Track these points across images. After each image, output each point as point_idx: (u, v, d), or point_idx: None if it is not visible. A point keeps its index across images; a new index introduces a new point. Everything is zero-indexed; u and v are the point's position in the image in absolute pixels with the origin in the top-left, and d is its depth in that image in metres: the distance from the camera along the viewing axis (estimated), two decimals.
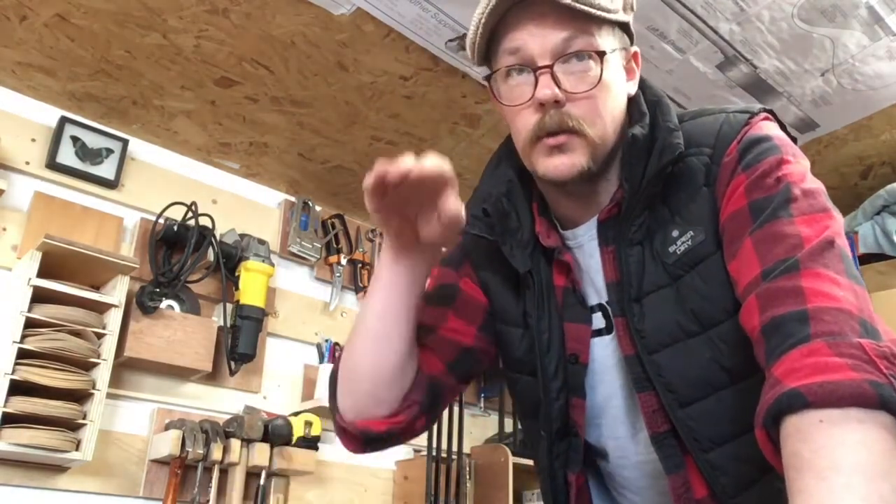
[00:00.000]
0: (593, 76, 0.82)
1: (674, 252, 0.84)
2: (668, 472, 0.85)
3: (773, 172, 0.79)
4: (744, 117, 0.86)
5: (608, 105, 0.85)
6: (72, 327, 1.89)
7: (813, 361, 0.62)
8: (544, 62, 0.82)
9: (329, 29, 1.94)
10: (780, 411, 0.62)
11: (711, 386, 0.83)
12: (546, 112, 0.82)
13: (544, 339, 0.91)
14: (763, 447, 0.65)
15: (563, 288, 0.91)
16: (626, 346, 0.87)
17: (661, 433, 0.85)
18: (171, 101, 2.26)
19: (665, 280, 0.85)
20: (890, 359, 0.61)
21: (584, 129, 0.83)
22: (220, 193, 2.57)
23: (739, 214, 0.79)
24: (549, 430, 0.92)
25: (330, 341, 2.61)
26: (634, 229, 0.86)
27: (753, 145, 0.82)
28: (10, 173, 2.15)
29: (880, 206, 2.57)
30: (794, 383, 0.62)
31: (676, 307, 0.84)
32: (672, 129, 0.86)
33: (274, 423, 2.23)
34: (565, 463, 0.93)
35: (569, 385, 0.91)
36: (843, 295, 0.67)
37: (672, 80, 2.15)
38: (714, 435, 0.82)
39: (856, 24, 1.93)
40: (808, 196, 0.77)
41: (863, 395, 0.59)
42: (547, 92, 0.81)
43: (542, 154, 0.85)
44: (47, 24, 1.93)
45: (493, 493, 2.52)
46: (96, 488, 2.03)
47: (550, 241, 0.92)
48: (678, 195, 0.86)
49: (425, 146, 2.49)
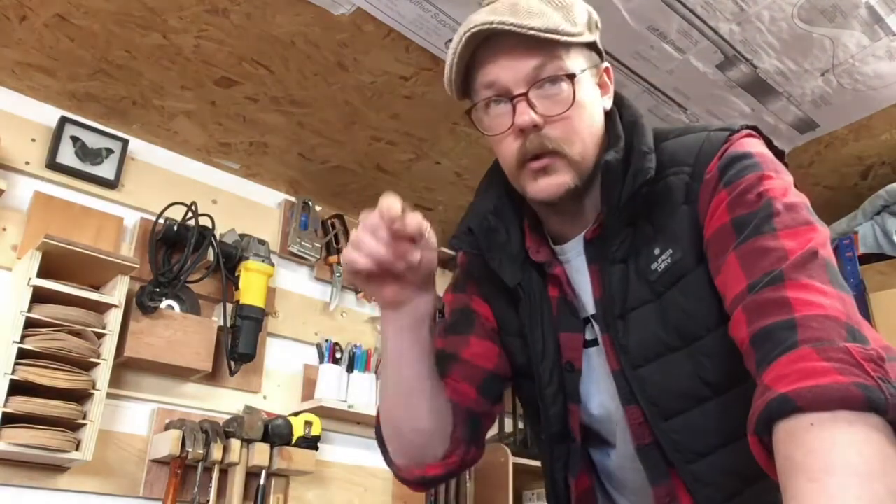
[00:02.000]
0: (566, 97, 0.85)
1: (656, 269, 0.87)
2: (652, 484, 0.88)
3: (754, 188, 0.80)
4: (724, 135, 0.88)
5: (585, 123, 0.88)
6: (72, 327, 1.89)
7: (801, 367, 0.64)
8: (519, 90, 0.85)
9: (329, 29, 1.94)
10: (770, 417, 0.63)
11: (694, 399, 0.85)
12: (526, 137, 0.86)
13: (538, 349, 0.94)
14: (756, 454, 0.66)
15: (556, 298, 0.94)
16: (612, 360, 0.89)
17: (646, 445, 0.88)
18: (171, 101, 2.26)
19: (649, 296, 0.87)
20: (877, 361, 0.62)
21: (563, 150, 0.86)
22: (220, 193, 2.57)
23: (723, 231, 0.81)
24: (549, 435, 0.95)
25: (330, 341, 2.61)
26: (615, 248, 0.89)
27: (734, 162, 0.84)
28: (10, 173, 2.15)
29: (880, 206, 2.57)
30: (783, 389, 0.63)
31: (659, 323, 0.86)
32: (646, 152, 0.88)
33: (274, 423, 2.23)
34: (565, 467, 0.96)
35: (565, 391, 0.93)
36: (830, 303, 0.69)
37: (672, 80, 2.15)
38: (697, 447, 0.84)
39: (856, 24, 1.93)
40: (790, 210, 0.78)
41: (850, 398, 0.60)
42: (525, 118, 0.84)
43: (528, 178, 0.88)
44: (47, 24, 1.93)
45: (493, 493, 2.52)
46: (96, 488, 2.03)
47: (540, 256, 0.95)
48: (660, 213, 0.88)
49: (425, 146, 2.49)
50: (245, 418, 2.19)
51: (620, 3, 1.82)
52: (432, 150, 2.51)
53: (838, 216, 2.74)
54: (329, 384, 2.50)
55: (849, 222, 2.68)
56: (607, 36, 1.90)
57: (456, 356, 0.98)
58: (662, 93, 2.20)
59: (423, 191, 2.79)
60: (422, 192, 2.79)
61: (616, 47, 1.99)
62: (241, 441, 2.16)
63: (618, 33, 1.92)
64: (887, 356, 0.63)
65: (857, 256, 2.61)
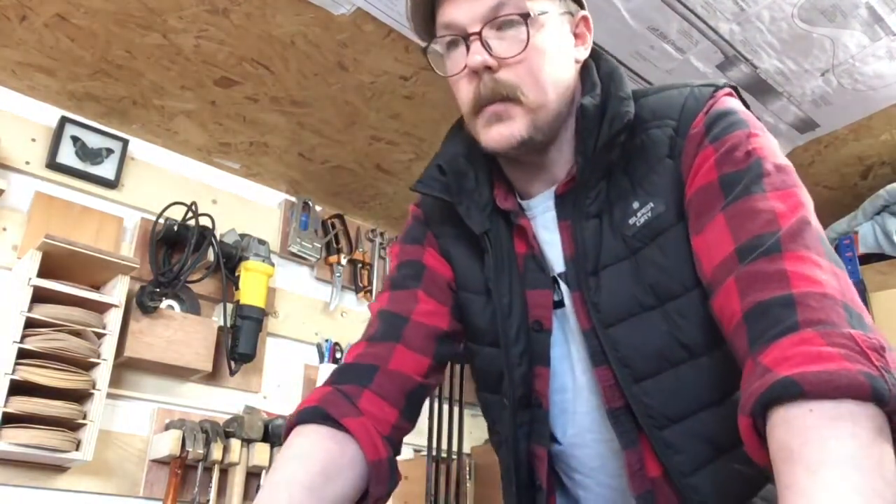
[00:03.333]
0: (523, 38, 0.81)
1: (633, 224, 0.83)
2: (624, 448, 0.83)
3: (742, 146, 0.78)
4: (709, 90, 0.85)
5: (545, 69, 0.83)
6: (72, 327, 1.89)
7: (805, 350, 0.61)
8: (473, 29, 0.82)
9: (329, 29, 1.94)
10: (771, 400, 0.60)
11: (668, 361, 0.81)
12: (480, 80, 0.82)
13: (505, 304, 0.89)
14: (745, 436, 0.63)
15: (523, 255, 0.90)
16: (583, 319, 0.85)
17: (617, 408, 0.83)
18: (171, 101, 2.26)
19: (624, 252, 0.83)
20: (879, 351, 0.60)
21: (518, 96, 0.82)
22: (220, 193, 2.57)
23: (709, 188, 0.78)
24: (512, 399, 0.89)
25: (330, 341, 2.61)
26: (590, 202, 0.85)
27: (720, 118, 0.81)
28: (10, 173, 2.15)
29: (880, 206, 2.57)
30: (787, 371, 0.60)
31: (633, 280, 0.82)
32: (623, 98, 0.85)
33: (274, 423, 2.23)
34: (528, 434, 0.90)
35: (532, 353, 0.88)
36: (826, 279, 0.66)
37: (672, 80, 2.14)
38: (669, 412, 0.80)
39: (856, 24, 1.93)
40: (780, 171, 0.76)
41: (858, 387, 0.57)
42: (477, 58, 0.81)
43: (482, 124, 0.84)
44: (47, 24, 1.93)
45: (494, 493, 2.52)
46: (96, 488, 2.03)
47: (508, 203, 0.91)
48: (640, 167, 0.85)
49: (425, 146, 2.49)
50: (245, 418, 2.19)
51: (620, 3, 1.82)
52: (432, 150, 2.51)
53: (838, 216, 2.74)
54: None
55: (849, 222, 2.68)
56: (607, 36, 1.91)
57: (402, 316, 0.92)
58: None
59: None
60: None
61: (616, 47, 1.99)
62: (242, 441, 2.15)
63: (618, 33, 1.92)
64: (887, 345, 0.62)
65: (857, 256, 2.60)
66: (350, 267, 2.84)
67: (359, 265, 2.85)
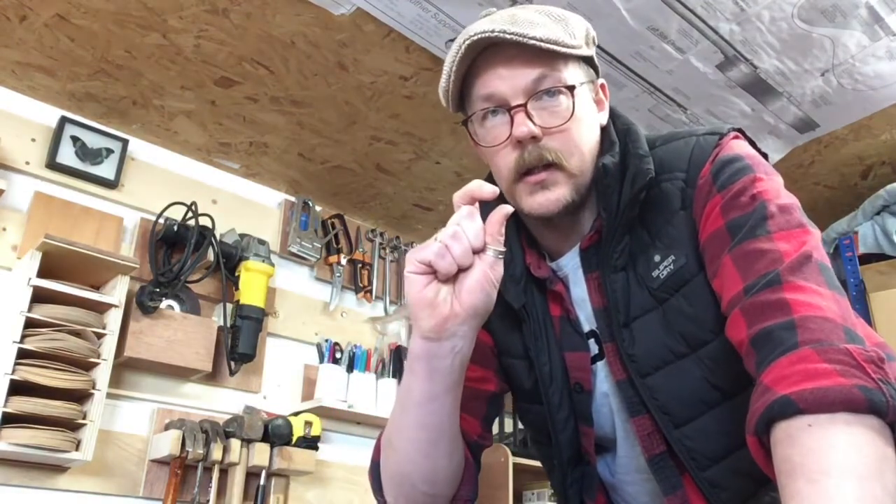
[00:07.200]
0: (566, 110, 0.84)
1: (657, 276, 0.86)
2: (665, 494, 0.87)
3: (747, 191, 0.81)
4: (714, 139, 0.88)
5: (583, 137, 0.87)
6: (72, 327, 1.89)
7: (802, 368, 0.63)
8: (518, 101, 0.84)
9: (329, 29, 1.94)
10: (771, 418, 0.63)
11: (705, 404, 0.84)
12: (524, 149, 0.84)
13: (546, 371, 0.92)
14: (755, 454, 0.66)
15: (559, 318, 0.93)
16: (618, 371, 0.88)
17: (658, 455, 0.87)
18: (171, 101, 2.26)
19: (651, 304, 0.86)
20: (877, 363, 0.62)
21: (562, 162, 0.85)
22: (220, 193, 2.57)
23: (718, 234, 0.81)
24: (561, 460, 0.93)
25: (330, 341, 2.61)
26: (617, 256, 0.88)
27: (726, 165, 0.84)
28: (10, 173, 2.15)
29: (880, 206, 2.57)
30: (785, 390, 0.63)
31: (664, 330, 0.85)
32: (642, 155, 0.88)
33: (274, 423, 2.23)
34: (580, 490, 0.95)
35: (576, 414, 0.92)
36: (826, 304, 0.69)
37: (672, 80, 2.15)
38: (711, 452, 0.84)
39: (856, 24, 1.93)
40: (783, 212, 0.78)
41: (852, 400, 0.60)
42: (523, 129, 0.83)
43: (525, 192, 0.86)
44: (47, 24, 1.93)
45: (493, 493, 2.52)
46: (96, 488, 2.03)
47: (542, 271, 0.93)
48: (656, 220, 0.88)
49: (425, 146, 2.49)
50: (245, 418, 2.19)
51: (620, 3, 1.82)
52: (432, 150, 2.51)
53: (838, 216, 2.74)
54: (329, 384, 2.50)
55: (849, 222, 2.68)
56: (607, 36, 1.91)
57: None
58: (662, 93, 2.20)
59: (424, 191, 2.79)
60: (422, 192, 2.79)
61: (616, 47, 1.99)
62: (241, 441, 2.15)
63: (618, 33, 1.92)
64: (886, 356, 0.63)
65: (857, 256, 2.61)
66: (350, 267, 2.84)
67: (359, 265, 2.85)
